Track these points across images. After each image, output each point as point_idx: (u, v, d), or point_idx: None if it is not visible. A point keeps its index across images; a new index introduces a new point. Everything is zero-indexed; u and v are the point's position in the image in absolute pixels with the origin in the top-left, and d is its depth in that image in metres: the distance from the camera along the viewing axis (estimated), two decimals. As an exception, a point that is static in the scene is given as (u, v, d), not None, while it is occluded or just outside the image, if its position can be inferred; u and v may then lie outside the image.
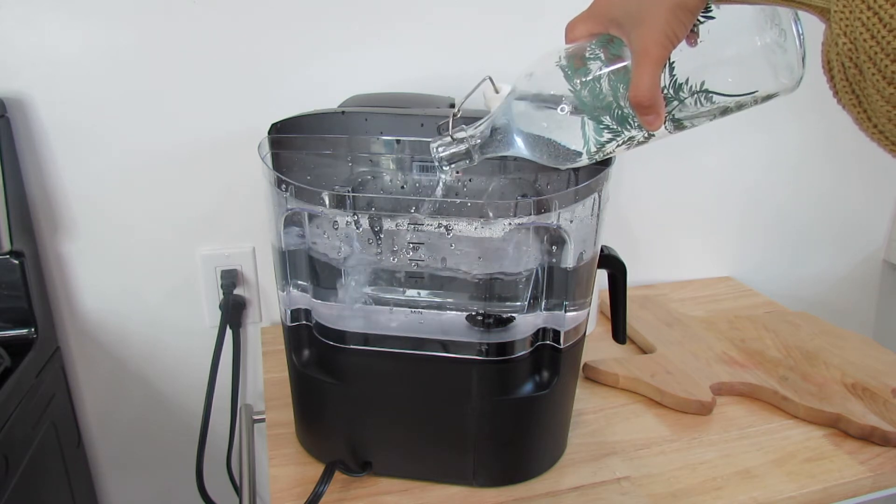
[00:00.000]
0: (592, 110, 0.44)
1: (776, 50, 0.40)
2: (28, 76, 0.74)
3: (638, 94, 0.40)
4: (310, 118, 0.64)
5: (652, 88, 0.40)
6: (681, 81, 0.42)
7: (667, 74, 0.42)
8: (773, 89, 0.42)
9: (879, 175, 1.14)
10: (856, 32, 0.31)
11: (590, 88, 0.43)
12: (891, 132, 0.33)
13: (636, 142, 0.46)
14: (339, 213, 0.53)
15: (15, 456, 0.68)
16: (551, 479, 0.62)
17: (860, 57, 0.31)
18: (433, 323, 0.58)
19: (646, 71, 0.39)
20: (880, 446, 0.67)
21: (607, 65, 0.43)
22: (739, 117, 1.05)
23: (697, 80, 0.42)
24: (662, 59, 0.39)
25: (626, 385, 0.77)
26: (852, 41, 0.32)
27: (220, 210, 0.85)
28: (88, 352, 0.87)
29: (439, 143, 0.50)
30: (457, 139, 0.49)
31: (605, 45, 0.44)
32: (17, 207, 0.75)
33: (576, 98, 0.44)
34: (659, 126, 0.42)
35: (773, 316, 0.92)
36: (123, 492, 0.95)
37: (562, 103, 0.44)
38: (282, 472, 0.63)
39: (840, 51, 0.33)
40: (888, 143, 0.34)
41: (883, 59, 0.30)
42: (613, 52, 0.43)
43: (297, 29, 0.79)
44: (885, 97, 0.31)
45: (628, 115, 0.43)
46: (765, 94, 0.42)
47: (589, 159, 0.47)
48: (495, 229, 0.52)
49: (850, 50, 0.32)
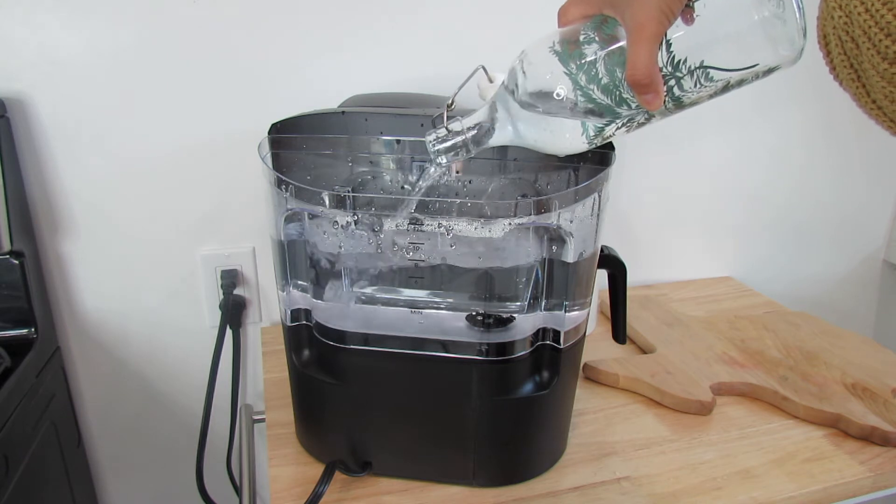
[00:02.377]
0: (590, 94, 0.43)
1: (775, 22, 0.39)
2: (28, 76, 0.74)
3: (635, 73, 0.39)
4: (310, 118, 0.64)
5: (649, 66, 0.38)
6: (679, 59, 0.41)
7: (664, 53, 0.41)
8: (773, 62, 0.41)
9: (879, 175, 1.14)
10: (851, 6, 0.31)
11: (586, 72, 0.43)
12: (889, 109, 0.33)
13: (636, 123, 0.45)
14: (339, 213, 0.53)
15: (15, 456, 0.68)
16: (551, 479, 0.62)
17: (855, 31, 0.31)
18: (433, 323, 0.58)
19: (642, 48, 0.38)
20: (880, 446, 0.67)
21: (602, 46, 0.42)
22: (740, 118, 1.05)
23: (696, 58, 0.41)
24: (658, 35, 0.38)
25: (626, 385, 0.77)
26: (847, 14, 0.31)
27: (220, 210, 0.85)
28: (88, 352, 0.87)
29: (434, 137, 0.49)
30: (452, 131, 0.49)
31: (599, 26, 0.43)
32: (17, 207, 0.75)
33: (572, 83, 0.43)
34: (658, 105, 0.41)
35: (773, 316, 0.92)
36: (123, 492, 0.95)
37: (557, 88, 0.43)
38: (282, 472, 0.63)
39: (836, 24, 0.32)
40: (886, 120, 0.34)
41: (878, 34, 0.30)
42: (608, 32, 0.42)
43: (298, 29, 0.79)
44: (881, 73, 0.31)
45: (627, 96, 0.43)
46: (766, 68, 0.41)
47: (588, 144, 0.46)
48: (495, 229, 0.52)
49: (845, 24, 0.31)
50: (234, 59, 0.79)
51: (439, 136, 0.49)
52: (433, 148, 0.49)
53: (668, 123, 1.02)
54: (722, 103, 1.09)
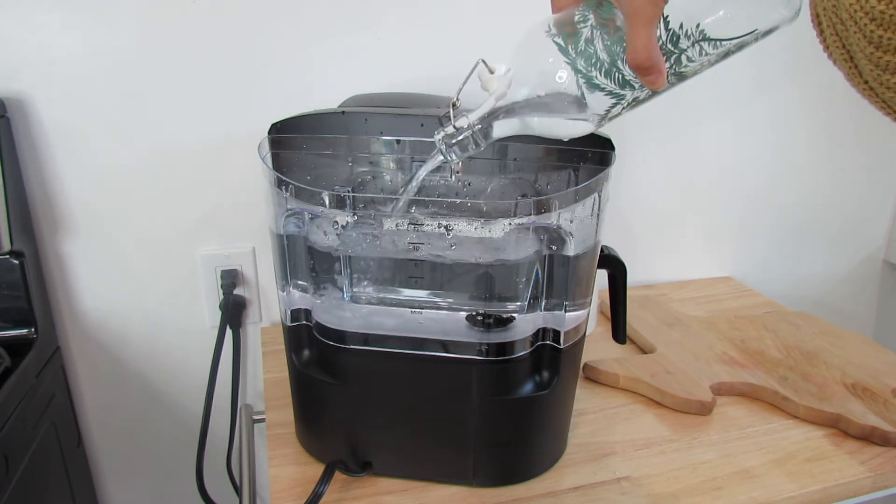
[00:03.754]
0: (591, 78, 0.43)
1: None
2: (28, 76, 0.74)
3: (637, 57, 0.39)
4: (310, 118, 0.64)
5: (649, 49, 0.38)
6: (678, 33, 0.41)
7: (663, 30, 0.40)
8: (772, 24, 0.40)
9: (879, 175, 1.14)
10: None
11: (585, 57, 0.43)
12: (879, 90, 0.32)
13: (640, 101, 0.45)
14: (339, 213, 0.53)
15: (15, 456, 0.68)
16: (551, 479, 0.62)
17: (843, 14, 0.31)
18: (433, 323, 0.58)
19: (640, 32, 0.38)
20: (880, 446, 0.67)
21: (599, 30, 0.42)
22: (740, 118, 1.05)
23: (694, 29, 0.40)
24: (656, 16, 0.38)
25: (626, 385, 0.77)
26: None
27: (220, 210, 0.85)
28: (88, 352, 0.87)
29: (443, 135, 0.49)
30: (459, 128, 0.49)
31: (595, 9, 0.42)
32: (17, 207, 0.75)
33: (572, 67, 0.43)
34: (662, 84, 0.41)
35: (773, 316, 0.92)
36: (123, 491, 0.95)
37: (558, 73, 0.43)
38: (282, 472, 0.63)
39: (826, 6, 0.32)
40: (879, 101, 0.33)
41: (863, 18, 0.29)
42: (604, 15, 0.42)
43: (298, 29, 0.79)
44: (868, 56, 0.31)
45: (629, 78, 0.42)
46: (765, 30, 0.41)
47: (595, 126, 0.46)
48: (495, 229, 0.52)
49: (834, 6, 0.31)
50: (234, 60, 0.79)
51: (448, 134, 0.49)
52: (443, 146, 0.49)
53: (669, 124, 1.02)
54: (722, 103, 1.09)
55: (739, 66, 0.96)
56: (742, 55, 0.43)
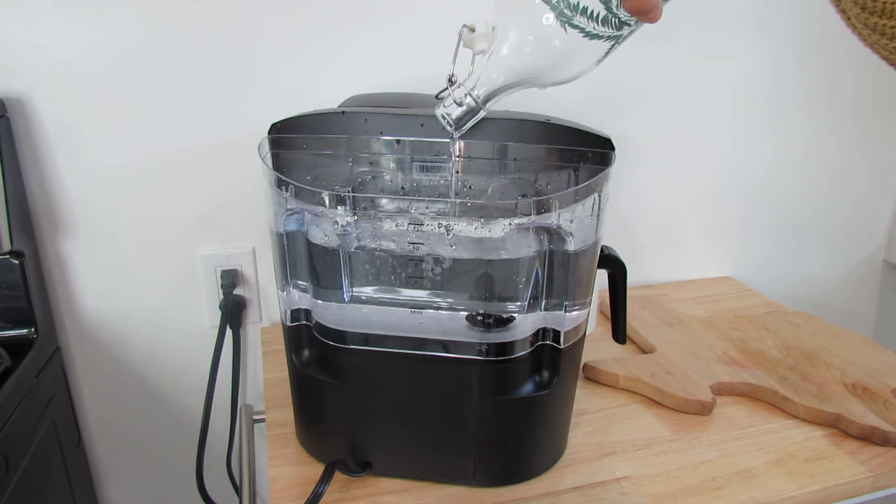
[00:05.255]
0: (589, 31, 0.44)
1: None
2: (28, 76, 0.74)
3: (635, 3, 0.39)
4: (310, 118, 0.64)
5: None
6: None
7: None
8: None
9: (880, 175, 1.14)
10: None
11: (581, 12, 0.43)
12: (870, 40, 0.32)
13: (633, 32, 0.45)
14: (340, 213, 0.53)
15: (15, 456, 0.68)
16: (551, 479, 0.62)
17: None
18: (433, 323, 0.58)
19: None
20: (880, 446, 0.67)
21: None
22: (740, 118, 1.04)
23: None
24: None
25: (626, 385, 0.77)
26: None
27: (220, 210, 0.85)
28: (88, 352, 0.87)
29: (444, 110, 0.49)
30: (458, 100, 0.48)
31: None
32: (17, 207, 0.75)
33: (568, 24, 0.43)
34: (660, 16, 0.42)
35: (773, 316, 0.92)
36: (123, 492, 0.95)
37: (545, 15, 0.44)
38: (282, 472, 0.63)
39: None
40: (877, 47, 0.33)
41: None
42: None
43: (298, 29, 0.79)
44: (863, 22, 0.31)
45: (626, 19, 0.43)
46: None
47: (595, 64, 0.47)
48: (495, 229, 0.52)
49: None
50: (234, 60, 0.79)
51: (448, 109, 0.49)
52: (447, 120, 0.49)
53: (669, 124, 1.02)
54: (722, 103, 1.09)
55: (740, 66, 0.96)
56: (743, 55, 0.43)
